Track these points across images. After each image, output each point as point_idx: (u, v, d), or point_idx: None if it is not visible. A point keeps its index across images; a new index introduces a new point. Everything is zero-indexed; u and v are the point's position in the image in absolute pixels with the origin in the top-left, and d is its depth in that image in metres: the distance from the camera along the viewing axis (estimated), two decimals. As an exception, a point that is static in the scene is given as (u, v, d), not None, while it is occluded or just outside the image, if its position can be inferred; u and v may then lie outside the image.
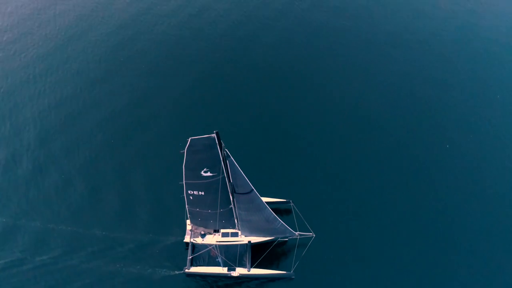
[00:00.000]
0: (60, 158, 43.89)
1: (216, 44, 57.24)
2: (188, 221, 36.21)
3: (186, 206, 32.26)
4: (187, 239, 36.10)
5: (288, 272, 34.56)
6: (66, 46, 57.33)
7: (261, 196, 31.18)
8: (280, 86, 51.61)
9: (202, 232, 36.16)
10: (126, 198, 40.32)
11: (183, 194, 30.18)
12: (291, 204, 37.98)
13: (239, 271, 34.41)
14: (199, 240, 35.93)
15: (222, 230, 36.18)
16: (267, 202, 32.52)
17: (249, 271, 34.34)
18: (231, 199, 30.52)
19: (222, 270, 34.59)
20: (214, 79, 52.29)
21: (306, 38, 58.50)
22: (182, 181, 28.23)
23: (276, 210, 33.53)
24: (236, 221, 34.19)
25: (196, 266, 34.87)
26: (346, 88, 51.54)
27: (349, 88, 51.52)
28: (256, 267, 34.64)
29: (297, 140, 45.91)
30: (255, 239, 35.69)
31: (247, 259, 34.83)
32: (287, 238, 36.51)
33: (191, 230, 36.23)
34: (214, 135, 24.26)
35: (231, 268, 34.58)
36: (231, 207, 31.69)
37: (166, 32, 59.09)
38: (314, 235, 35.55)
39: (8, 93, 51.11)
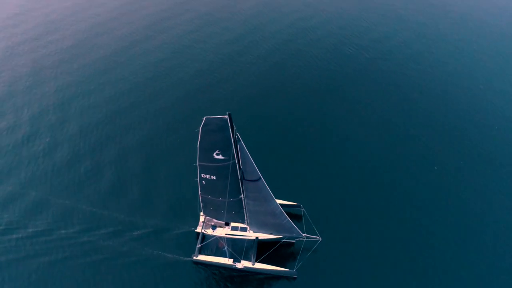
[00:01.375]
0: (95, 149, 47.92)
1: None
2: (201, 213, 38.22)
3: (199, 193, 34.38)
4: (198, 229, 37.97)
5: (291, 271, 35.26)
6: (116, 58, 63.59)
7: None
8: (304, 93, 54.93)
9: (213, 224, 38.01)
10: (148, 188, 43.17)
11: (197, 178, 32.44)
12: (302, 209, 39.18)
13: (244, 263, 35.57)
14: (209, 231, 37.70)
15: (232, 224, 37.83)
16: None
17: (253, 264, 35.42)
18: (241, 189, 32.37)
19: (227, 261, 35.90)
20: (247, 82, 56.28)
21: (332, 56, 61.68)
22: (196, 163, 30.62)
23: (286, 213, 34.94)
24: (245, 216, 35.80)
25: (204, 255, 36.42)
26: (363, 102, 54.19)
27: (366, 104, 53.87)
28: (260, 262, 35.68)
29: (313, 145, 48.69)
30: (262, 236, 36.95)
31: (253, 254, 36.03)
32: (294, 239, 37.43)
33: (203, 222, 38.14)
34: (226, 116, 26.78)
35: (237, 260, 35.84)
36: (241, 198, 33.45)
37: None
38: (320, 239, 36.39)
39: (62, 92, 57.05)
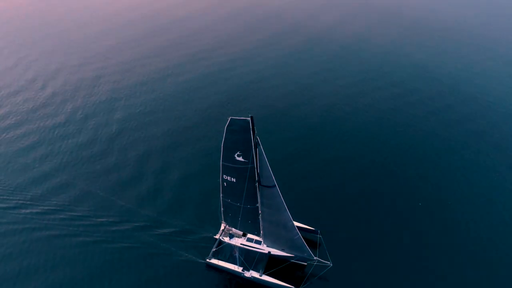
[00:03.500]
0: (139, 156, 53.41)
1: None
2: (222, 222, 40.77)
3: (221, 196, 37.24)
4: (217, 236, 40.37)
5: (295, 288, 35.80)
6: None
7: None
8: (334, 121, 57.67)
9: (231, 233, 40.26)
10: (181, 195, 46.86)
11: (219, 179, 35.54)
12: (319, 236, 40.08)
13: (252, 273, 36.89)
14: (226, 239, 39.91)
15: (249, 235, 39.76)
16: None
17: (260, 276, 36.60)
18: (258, 196, 34.75)
19: (237, 268, 37.49)
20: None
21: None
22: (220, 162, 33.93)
23: (303, 238, 36.60)
24: (260, 228, 37.68)
25: (217, 259, 38.42)
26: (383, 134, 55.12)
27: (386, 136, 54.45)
28: (268, 275, 36.74)
29: (336, 170, 51.03)
30: (275, 252, 38.28)
31: (262, 266, 37.32)
32: (305, 261, 38.15)
33: (223, 230, 40.57)
34: (249, 118, 30.21)
35: (246, 269, 37.29)
36: (257, 206, 35.70)
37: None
38: (331, 265, 36.79)
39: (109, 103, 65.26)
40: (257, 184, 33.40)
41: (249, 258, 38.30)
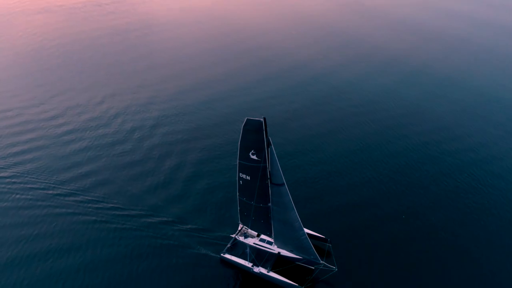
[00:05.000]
0: (174, 165, 58.25)
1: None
2: (240, 223, 44.09)
3: (237, 195, 40.81)
4: (233, 235, 43.70)
5: (298, 286, 37.80)
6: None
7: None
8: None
9: (247, 233, 43.43)
10: (205, 198, 50.86)
11: (237, 177, 39.30)
12: (329, 244, 42.14)
13: (260, 269, 39.59)
14: (241, 238, 43.10)
15: (262, 236, 42.69)
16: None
17: (268, 272, 39.18)
18: (269, 195, 37.96)
19: (247, 263, 40.35)
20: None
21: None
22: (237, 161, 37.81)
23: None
24: (272, 229, 40.55)
25: (230, 254, 41.58)
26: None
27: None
28: (275, 272, 39.19)
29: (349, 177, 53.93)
30: (284, 253, 40.81)
31: (271, 264, 39.93)
32: (312, 266, 40.19)
33: (239, 230, 43.87)
34: (262, 119, 34.08)
35: (255, 265, 40.06)
36: (269, 206, 38.84)
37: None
38: (336, 269, 38.60)
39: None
40: (268, 182, 36.74)
41: (259, 256, 41.07)
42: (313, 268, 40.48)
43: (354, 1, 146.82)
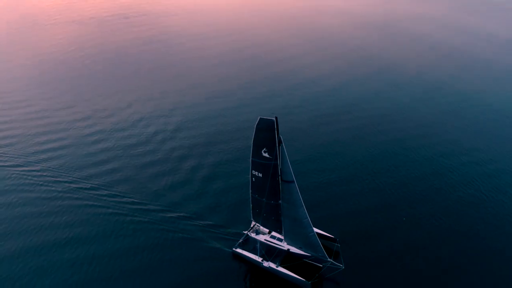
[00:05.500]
0: (193, 166, 61.31)
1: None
2: (253, 220, 46.11)
3: (250, 192, 42.97)
4: (246, 231, 45.74)
5: (306, 281, 39.39)
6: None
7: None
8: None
9: (259, 229, 45.41)
10: (221, 197, 53.23)
11: (250, 174, 41.55)
12: (337, 244, 43.62)
13: (270, 264, 41.40)
14: (253, 234, 45.10)
15: (273, 233, 44.57)
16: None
17: (276, 267, 40.95)
18: (280, 192, 39.96)
19: (257, 258, 42.25)
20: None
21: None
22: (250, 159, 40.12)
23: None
24: (282, 226, 42.41)
25: (241, 249, 43.59)
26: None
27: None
28: (283, 267, 40.90)
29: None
30: (293, 250, 42.51)
31: (280, 259, 41.73)
32: (320, 264, 41.63)
33: (252, 227, 45.90)
34: (274, 119, 36.36)
35: (265, 260, 41.91)
36: (280, 203, 40.81)
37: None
38: (343, 267, 40.02)
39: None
40: (279, 179, 38.83)
41: (269, 252, 42.92)
42: (321, 266, 41.90)
43: (373, 19, 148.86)
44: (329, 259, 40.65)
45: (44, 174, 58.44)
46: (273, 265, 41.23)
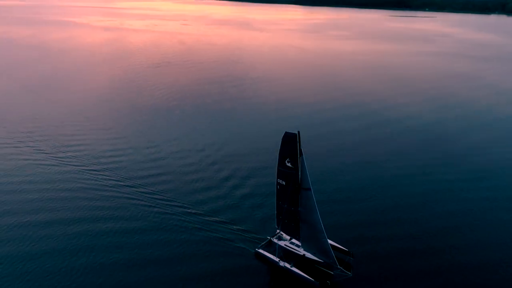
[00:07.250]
0: (231, 174, 69.64)
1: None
2: (277, 227, 51.96)
3: (276, 200, 49.32)
4: (269, 237, 51.69)
5: (315, 282, 43.90)
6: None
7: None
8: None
9: (281, 235, 51.20)
10: (254, 206, 60.38)
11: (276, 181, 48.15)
12: (351, 258, 47.81)
13: (285, 264, 46.64)
14: (275, 239, 50.87)
15: (292, 240, 50.05)
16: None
17: (291, 267, 46.06)
18: (299, 200, 45.91)
19: (275, 258, 47.74)
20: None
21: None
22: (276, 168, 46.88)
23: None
24: (300, 232, 47.84)
25: (263, 250, 49.42)
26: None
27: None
28: (296, 268, 45.92)
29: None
30: (308, 255, 47.49)
31: (294, 261, 46.85)
32: (331, 270, 45.75)
33: (276, 234, 51.80)
34: (296, 133, 43.26)
35: (282, 260, 47.25)
36: (299, 210, 46.63)
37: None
38: (350, 275, 44.16)
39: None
40: (298, 186, 45.13)
41: (286, 255, 48.16)
42: (332, 273, 46.03)
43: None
44: (339, 266, 44.84)
45: (102, 174, 70.31)
46: (288, 265, 46.33)
